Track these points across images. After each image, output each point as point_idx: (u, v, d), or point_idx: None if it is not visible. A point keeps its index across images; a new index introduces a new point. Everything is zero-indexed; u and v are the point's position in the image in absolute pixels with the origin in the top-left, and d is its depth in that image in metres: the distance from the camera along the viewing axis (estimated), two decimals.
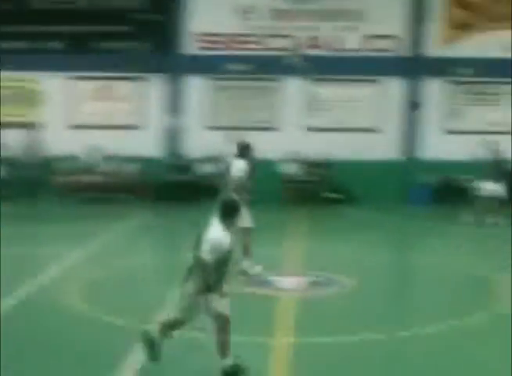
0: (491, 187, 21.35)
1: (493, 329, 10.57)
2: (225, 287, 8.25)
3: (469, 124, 24.70)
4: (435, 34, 24.57)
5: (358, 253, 16.12)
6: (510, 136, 23.81)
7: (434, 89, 24.60)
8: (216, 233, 8.13)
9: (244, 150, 14.49)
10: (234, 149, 14.57)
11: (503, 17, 24.58)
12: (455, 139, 24.27)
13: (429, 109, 24.59)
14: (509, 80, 24.60)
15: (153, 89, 24.72)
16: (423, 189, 23.78)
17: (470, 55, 24.20)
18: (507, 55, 24.31)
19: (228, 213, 8.30)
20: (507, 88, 24.80)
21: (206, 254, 8.04)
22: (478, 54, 24.15)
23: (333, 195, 23.74)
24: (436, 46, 24.54)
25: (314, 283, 13.18)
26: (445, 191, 23.72)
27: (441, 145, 24.29)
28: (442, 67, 24.27)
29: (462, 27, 24.66)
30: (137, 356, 8.70)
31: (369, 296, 12.71)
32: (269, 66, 24.23)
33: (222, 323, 8.10)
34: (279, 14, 24.34)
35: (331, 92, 24.59)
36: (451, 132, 24.53)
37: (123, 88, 24.94)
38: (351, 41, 24.41)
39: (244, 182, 13.95)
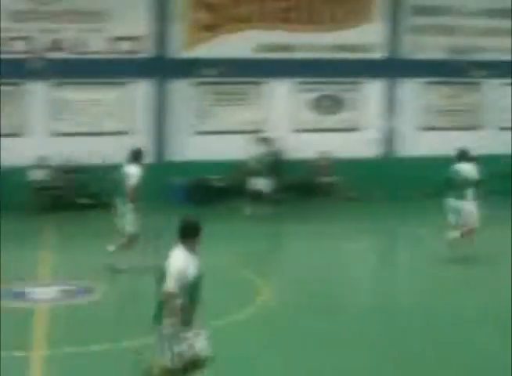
0: (259, 183, 22.52)
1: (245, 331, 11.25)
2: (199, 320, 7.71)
3: (219, 125, 25.55)
4: (180, 36, 25.24)
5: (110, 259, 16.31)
6: (260, 134, 25.00)
7: (181, 90, 25.25)
8: (179, 259, 7.49)
9: (136, 155, 15.36)
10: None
11: (246, 18, 25.71)
12: (205, 140, 25.02)
13: (177, 110, 25.19)
14: (255, 79, 25.78)
15: None
16: (177, 191, 24.29)
17: (214, 55, 25.08)
18: (252, 55, 25.46)
19: (189, 233, 7.61)
20: (254, 87, 25.96)
21: (171, 285, 7.35)
22: (223, 54, 25.09)
23: (86, 200, 23.74)
24: (181, 47, 25.21)
25: (67, 292, 13.36)
26: (198, 191, 24.36)
27: (191, 146, 24.94)
28: (188, 68, 24.94)
29: (206, 29, 25.50)
30: None
31: (122, 303, 13.06)
32: (11, 70, 23.77)
33: (197, 363, 7.58)
34: (18, 15, 23.94)
35: (77, 95, 24.52)
36: (201, 133, 25.25)
37: None
38: (95, 43, 24.52)
39: (138, 188, 14.85)
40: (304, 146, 25.10)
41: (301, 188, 24.66)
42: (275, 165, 23.45)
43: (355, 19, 26.57)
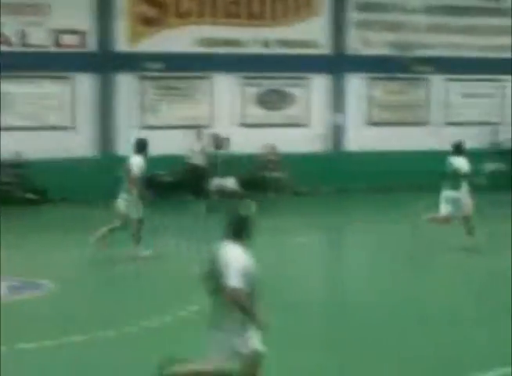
0: (224, 182, 22.50)
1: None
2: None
3: (164, 119, 25.40)
4: (124, 30, 25.07)
5: (59, 254, 16.06)
6: (206, 129, 24.88)
7: (126, 85, 25.05)
8: (241, 255, 7.28)
9: (141, 146, 15.83)
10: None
11: (190, 13, 25.56)
12: (151, 135, 24.65)
13: (122, 105, 24.92)
14: (200, 74, 25.67)
15: None
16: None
17: (159, 50, 24.90)
18: (197, 49, 25.31)
19: (241, 227, 7.41)
20: (199, 82, 25.79)
21: (237, 281, 7.07)
22: (167, 49, 24.94)
23: (30, 195, 23.34)
24: (126, 42, 25.03)
25: (14, 288, 13.07)
26: (145, 186, 24.00)
27: None
28: (133, 63, 24.71)
29: (150, 23, 25.32)
30: None
31: (70, 298, 12.96)
32: None
33: (257, 361, 7.27)
34: None
35: (19, 89, 24.13)
36: (146, 128, 25.00)
37: None
38: (38, 36, 24.18)
39: (141, 177, 15.42)
40: (251, 141, 25.00)
41: (250, 183, 24.49)
42: (226, 161, 23.36)
43: (300, 14, 26.60)
